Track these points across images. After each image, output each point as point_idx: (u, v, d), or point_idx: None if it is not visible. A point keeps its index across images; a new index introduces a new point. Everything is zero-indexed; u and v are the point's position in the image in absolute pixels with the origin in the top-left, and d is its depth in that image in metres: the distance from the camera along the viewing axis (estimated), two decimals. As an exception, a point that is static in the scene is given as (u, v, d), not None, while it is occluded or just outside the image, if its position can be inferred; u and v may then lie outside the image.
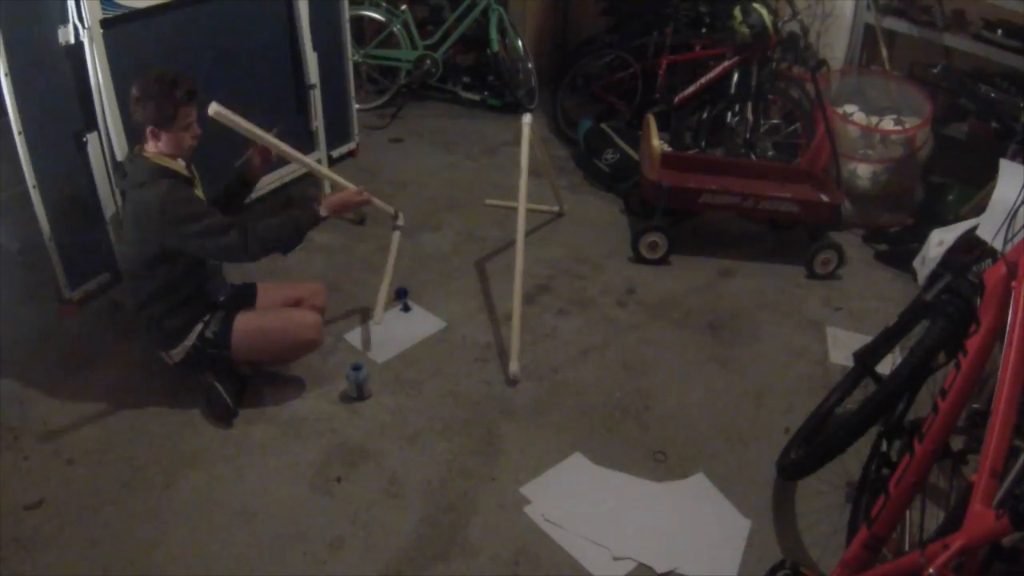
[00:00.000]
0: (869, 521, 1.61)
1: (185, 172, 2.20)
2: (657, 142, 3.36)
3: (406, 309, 2.82)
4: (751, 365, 2.67)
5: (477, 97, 4.64)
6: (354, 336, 2.70)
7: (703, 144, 3.83)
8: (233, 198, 2.48)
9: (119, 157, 2.36)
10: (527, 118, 2.99)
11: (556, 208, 3.54)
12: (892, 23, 3.70)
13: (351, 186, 2.61)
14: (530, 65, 4.60)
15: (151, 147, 2.14)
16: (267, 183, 2.99)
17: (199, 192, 2.27)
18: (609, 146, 3.85)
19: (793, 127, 3.83)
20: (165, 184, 2.11)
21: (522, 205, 2.91)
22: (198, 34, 2.58)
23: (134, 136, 2.37)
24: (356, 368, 2.39)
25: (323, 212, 2.31)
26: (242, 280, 2.53)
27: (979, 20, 3.46)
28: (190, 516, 2.01)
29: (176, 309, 2.25)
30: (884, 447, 1.83)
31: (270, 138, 2.42)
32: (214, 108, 2.21)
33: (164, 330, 2.26)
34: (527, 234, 3.37)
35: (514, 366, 2.52)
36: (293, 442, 2.26)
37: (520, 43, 4.56)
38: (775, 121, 3.83)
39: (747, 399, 2.52)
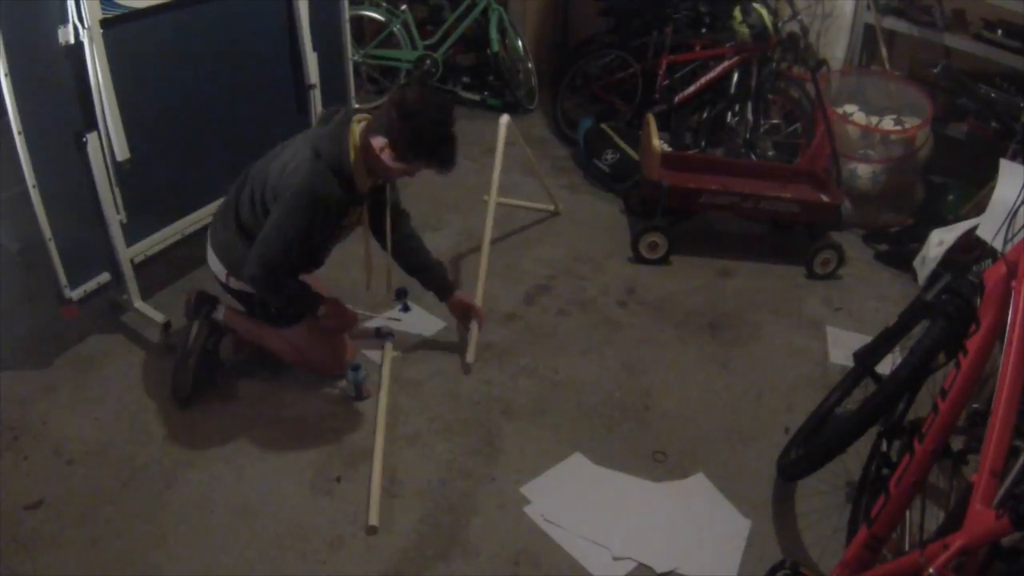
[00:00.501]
0: (869, 521, 1.61)
1: (365, 190, 2.10)
2: (657, 142, 3.36)
3: (406, 309, 2.82)
4: (751, 365, 2.67)
5: (477, 97, 4.64)
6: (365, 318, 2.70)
7: (703, 144, 3.82)
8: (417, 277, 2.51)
9: (119, 157, 2.36)
10: (504, 118, 3.02)
11: (551, 207, 3.54)
12: (892, 23, 3.70)
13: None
14: (530, 65, 4.60)
15: (370, 142, 2.02)
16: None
17: (355, 216, 2.18)
18: (609, 146, 3.85)
19: (793, 127, 3.82)
20: (327, 182, 1.98)
21: (492, 201, 2.96)
22: (198, 34, 2.58)
23: (138, 134, 2.38)
24: (355, 368, 2.38)
25: (321, 312, 2.26)
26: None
27: (979, 20, 3.46)
28: (190, 516, 2.01)
29: None
30: (884, 447, 1.83)
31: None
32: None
33: (237, 264, 2.19)
34: (527, 233, 3.39)
35: (470, 356, 2.55)
36: (293, 442, 2.26)
37: (520, 43, 4.56)
38: (775, 121, 3.83)
39: (747, 399, 2.52)
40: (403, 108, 1.97)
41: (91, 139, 2.28)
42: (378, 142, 2.03)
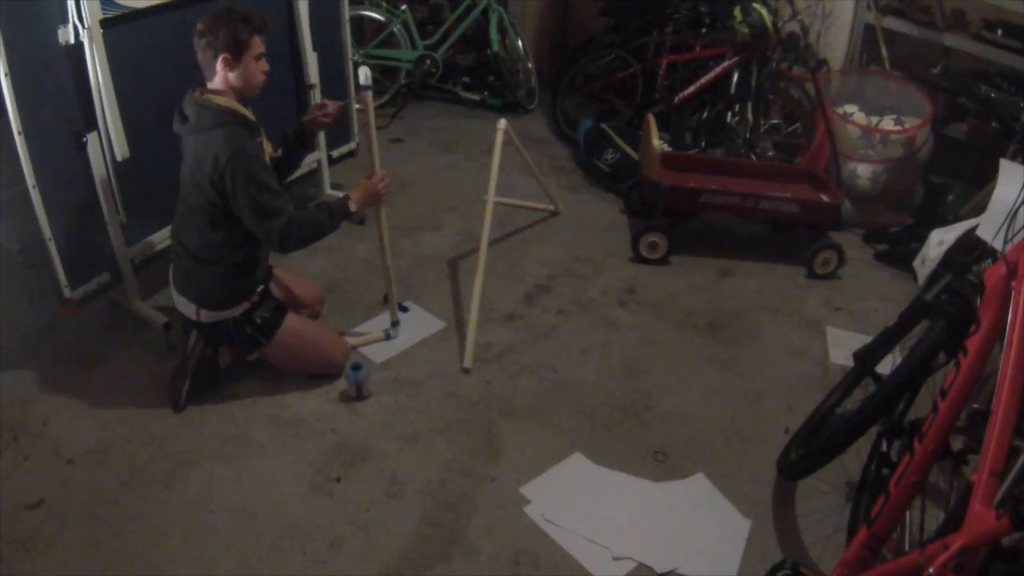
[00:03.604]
0: (869, 521, 1.61)
1: (252, 118, 2.15)
2: (657, 142, 3.36)
3: (403, 309, 2.82)
4: (751, 365, 2.67)
5: (477, 97, 4.63)
6: (354, 336, 2.70)
7: (703, 144, 3.83)
8: (290, 152, 2.47)
9: (119, 157, 2.36)
10: (502, 123, 3.03)
11: (552, 207, 3.54)
12: (892, 23, 3.70)
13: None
14: (530, 65, 4.60)
15: (219, 83, 2.09)
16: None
17: (265, 142, 2.22)
18: (609, 146, 3.85)
19: (793, 127, 3.82)
20: (237, 133, 2.05)
21: (490, 203, 2.95)
22: (198, 34, 2.58)
23: (138, 134, 2.38)
24: (355, 368, 2.39)
25: (353, 207, 2.30)
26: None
27: (979, 20, 3.46)
28: (190, 516, 2.01)
29: (231, 274, 2.23)
30: (884, 447, 1.83)
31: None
32: (365, 73, 2.27)
33: (212, 290, 2.22)
34: (527, 233, 3.39)
35: (467, 362, 2.55)
36: (293, 442, 2.26)
37: (520, 43, 4.56)
38: (775, 121, 3.83)
39: (747, 399, 2.52)
40: (202, 30, 2.06)
41: (91, 139, 2.28)
42: (218, 65, 2.08)
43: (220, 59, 2.06)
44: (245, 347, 2.37)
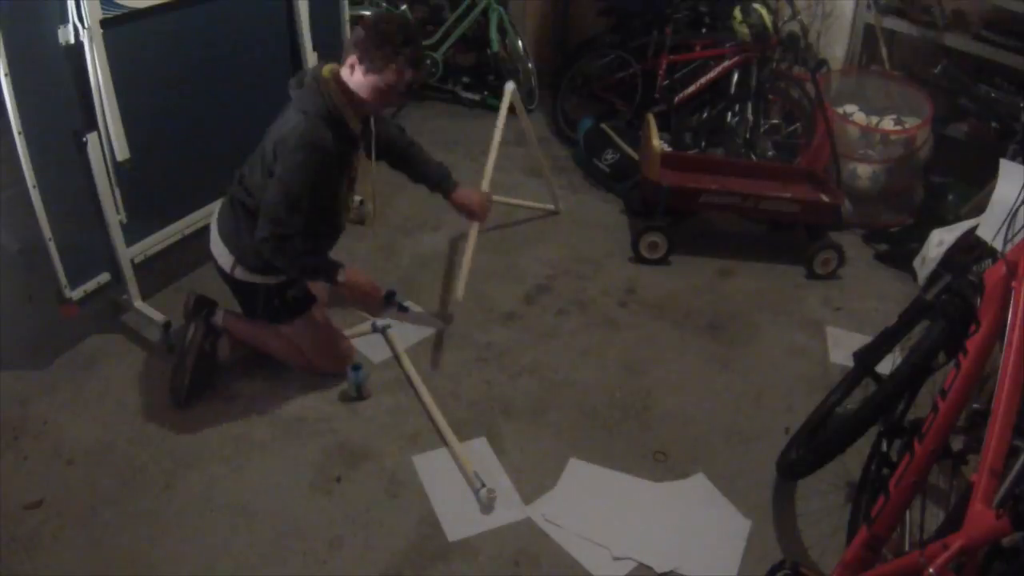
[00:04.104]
0: (869, 521, 1.61)
1: (356, 128, 2.12)
2: (657, 142, 3.36)
3: (403, 309, 2.82)
4: (751, 365, 2.67)
5: (477, 97, 4.63)
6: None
7: (703, 144, 3.83)
8: (413, 174, 2.53)
9: (119, 157, 2.36)
10: (510, 85, 3.03)
11: (551, 206, 3.54)
12: (892, 23, 3.70)
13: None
14: (530, 65, 4.59)
15: (346, 73, 2.05)
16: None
17: (357, 162, 2.21)
18: (609, 146, 3.85)
19: (793, 127, 3.82)
20: (324, 135, 2.01)
21: (491, 159, 3.01)
22: (198, 34, 2.58)
23: (138, 134, 2.38)
24: (356, 368, 2.39)
25: (342, 278, 2.19)
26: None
27: (979, 20, 3.46)
28: (190, 516, 2.01)
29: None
30: (884, 447, 1.83)
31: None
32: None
33: (246, 252, 2.19)
34: (527, 233, 3.39)
35: (459, 292, 2.56)
36: (293, 442, 2.26)
37: (520, 43, 4.55)
38: (775, 121, 3.83)
39: (747, 399, 2.52)
40: (367, 21, 2.03)
41: (91, 139, 2.28)
42: (349, 61, 2.03)
43: (351, 59, 2.02)
44: (267, 318, 2.34)
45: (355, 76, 2.05)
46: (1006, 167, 2.66)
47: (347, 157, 2.18)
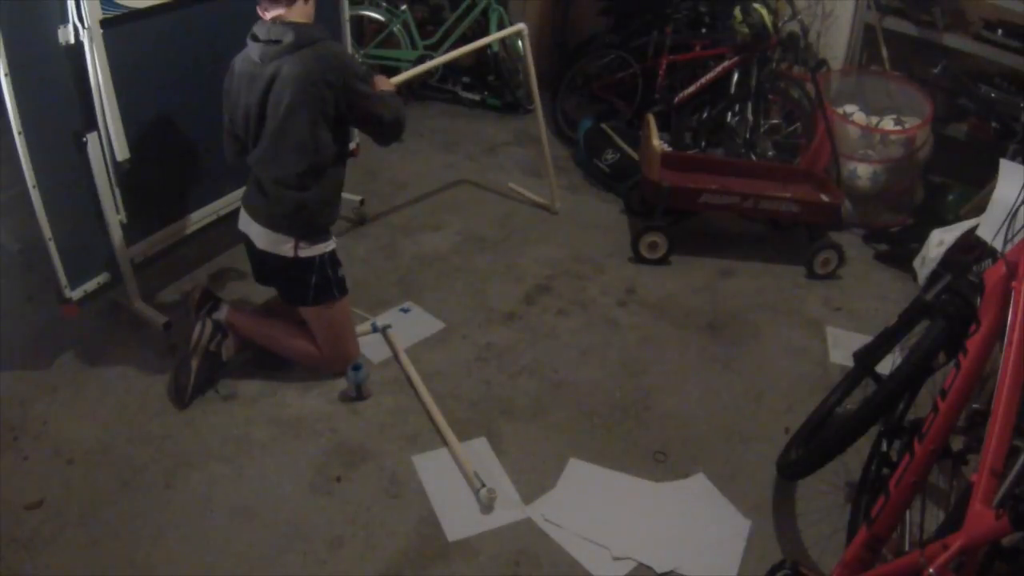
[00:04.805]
0: (869, 521, 1.61)
1: None
2: (657, 142, 3.36)
3: (403, 310, 2.83)
4: (751, 365, 2.67)
5: (477, 97, 4.63)
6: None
7: (703, 144, 3.83)
8: None
9: (119, 157, 2.36)
10: (521, 26, 3.13)
11: (548, 203, 3.54)
12: (892, 23, 3.70)
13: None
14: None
15: (298, 15, 2.14)
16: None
17: None
18: (609, 146, 3.85)
19: (793, 127, 3.82)
20: (338, 43, 2.17)
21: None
22: (198, 34, 2.58)
23: (138, 134, 2.38)
24: (356, 368, 2.38)
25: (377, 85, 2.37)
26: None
27: (979, 20, 3.46)
28: (190, 516, 2.01)
29: (331, 201, 2.28)
30: (884, 447, 1.83)
31: None
32: None
33: (315, 219, 2.26)
34: (527, 233, 3.39)
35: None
36: (293, 442, 2.26)
37: (520, 43, 4.55)
38: (775, 121, 3.83)
39: (747, 399, 2.52)
40: None
41: (91, 139, 2.28)
42: (297, 2, 2.15)
43: None
44: (313, 292, 2.33)
45: (307, 6, 2.20)
46: (1006, 167, 2.65)
47: None
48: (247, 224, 2.34)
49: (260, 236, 2.30)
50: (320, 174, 2.21)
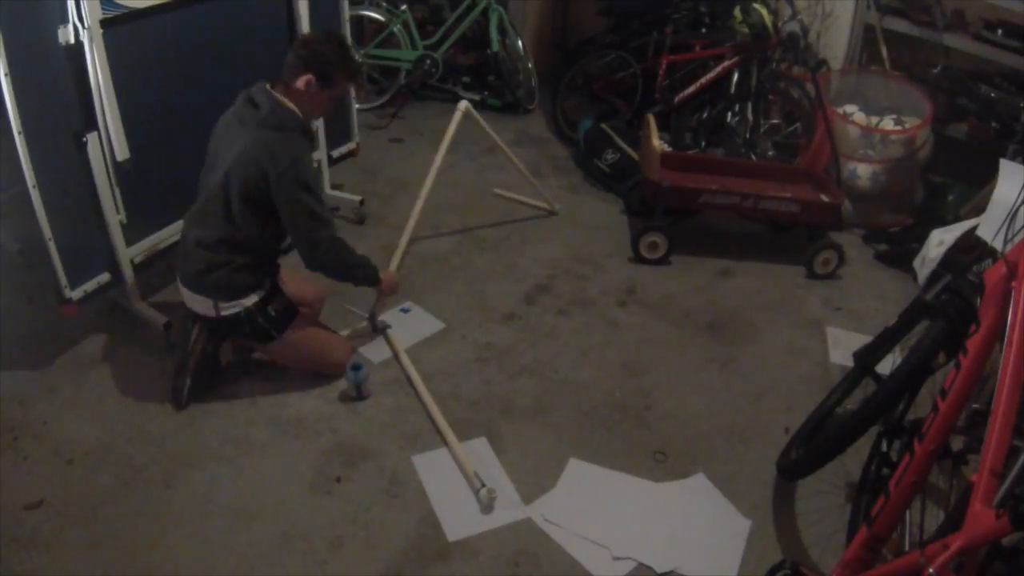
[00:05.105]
0: (869, 521, 1.61)
1: (311, 135, 2.27)
2: (657, 142, 3.36)
3: (404, 310, 2.82)
4: (751, 365, 2.67)
5: (477, 97, 4.63)
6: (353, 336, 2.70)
7: (703, 144, 3.83)
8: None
9: (119, 157, 2.36)
10: (462, 104, 3.06)
11: (547, 206, 3.54)
12: (892, 23, 3.70)
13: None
14: (530, 65, 4.60)
15: (287, 99, 2.17)
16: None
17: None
18: (609, 146, 3.85)
19: (793, 127, 3.83)
20: (302, 143, 2.17)
21: (431, 177, 3.05)
22: (198, 34, 2.58)
23: (138, 134, 2.38)
24: (356, 368, 2.38)
25: (381, 278, 2.46)
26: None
27: (979, 20, 3.46)
28: (190, 516, 2.01)
29: (250, 266, 2.26)
30: (884, 447, 1.83)
31: None
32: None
33: (230, 281, 2.24)
34: (527, 233, 3.40)
35: (393, 265, 2.74)
36: (293, 442, 2.26)
37: (520, 43, 4.56)
38: (775, 121, 3.83)
39: (747, 399, 2.52)
40: (311, 42, 2.21)
41: (91, 139, 2.28)
42: (302, 81, 2.16)
43: (306, 79, 2.15)
44: (256, 340, 2.37)
45: (304, 99, 2.19)
46: (1006, 167, 2.66)
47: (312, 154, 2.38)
48: (180, 285, 2.34)
49: (184, 294, 2.32)
50: (237, 247, 2.22)
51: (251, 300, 2.28)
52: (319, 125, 3.18)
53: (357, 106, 3.59)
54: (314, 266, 2.28)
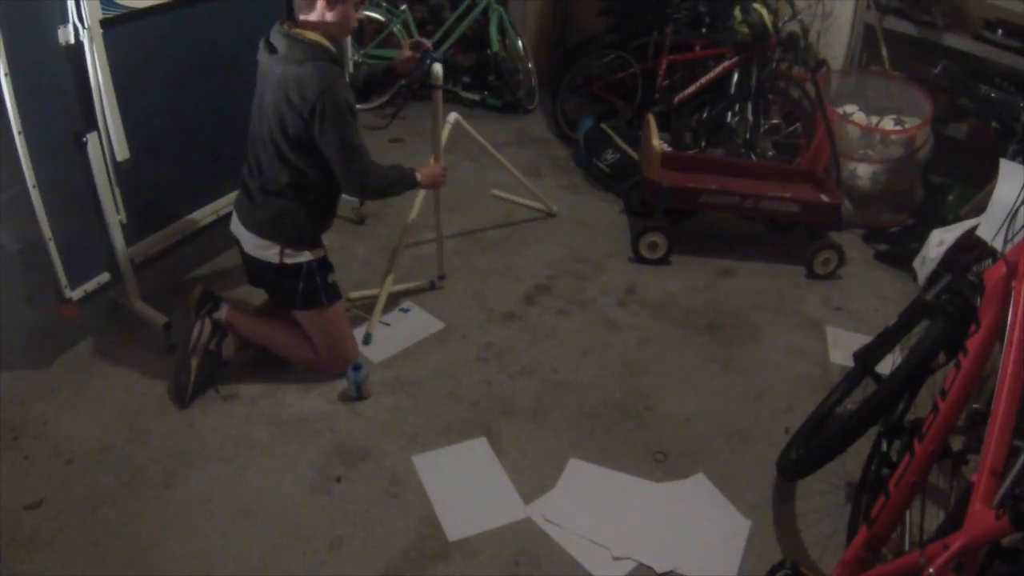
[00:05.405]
0: (869, 521, 1.61)
1: (339, 56, 2.22)
2: (657, 142, 3.36)
3: (403, 310, 2.82)
4: (751, 365, 2.67)
5: (477, 97, 4.64)
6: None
7: (703, 144, 3.83)
8: (374, 84, 2.63)
9: (119, 157, 2.36)
10: (452, 116, 3.04)
11: (544, 207, 3.54)
12: (892, 23, 3.70)
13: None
14: (530, 65, 4.60)
15: (315, 17, 2.13)
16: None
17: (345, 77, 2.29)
18: (609, 146, 3.85)
19: (793, 127, 3.82)
20: (331, 70, 2.11)
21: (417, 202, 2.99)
22: (198, 34, 2.58)
23: (138, 134, 2.38)
24: (356, 368, 2.39)
25: (419, 178, 2.42)
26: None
27: (979, 20, 3.46)
28: (190, 516, 2.01)
29: (313, 216, 2.29)
30: (884, 447, 1.83)
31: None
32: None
33: (299, 227, 2.27)
34: (526, 233, 3.40)
35: (372, 327, 2.69)
36: (293, 442, 2.26)
37: (520, 43, 4.55)
38: (775, 121, 3.83)
39: (747, 399, 2.52)
40: None
41: (91, 139, 2.28)
42: (319, 7, 2.13)
43: (321, 2, 2.11)
44: (303, 299, 2.34)
45: (330, 13, 2.15)
46: (1006, 167, 2.65)
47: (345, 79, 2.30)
48: (237, 228, 2.35)
49: (247, 241, 2.31)
50: (302, 190, 2.23)
51: (317, 254, 2.32)
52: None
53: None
54: (361, 196, 2.35)
